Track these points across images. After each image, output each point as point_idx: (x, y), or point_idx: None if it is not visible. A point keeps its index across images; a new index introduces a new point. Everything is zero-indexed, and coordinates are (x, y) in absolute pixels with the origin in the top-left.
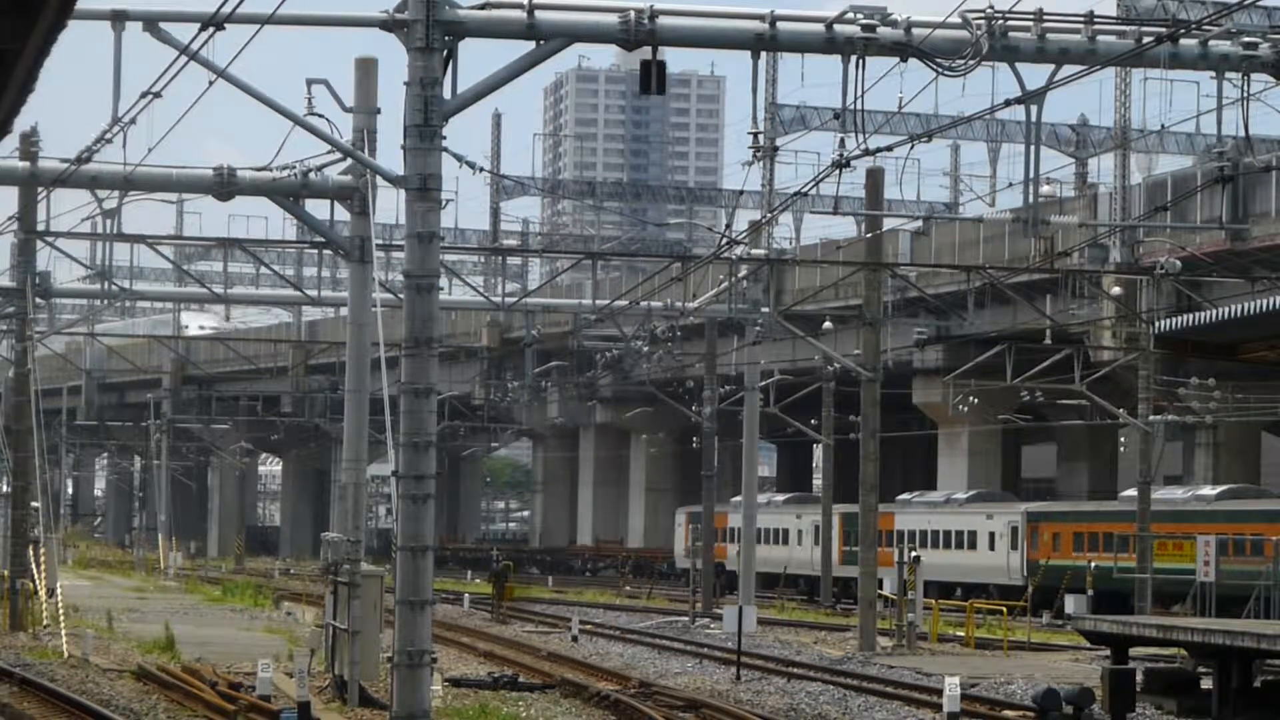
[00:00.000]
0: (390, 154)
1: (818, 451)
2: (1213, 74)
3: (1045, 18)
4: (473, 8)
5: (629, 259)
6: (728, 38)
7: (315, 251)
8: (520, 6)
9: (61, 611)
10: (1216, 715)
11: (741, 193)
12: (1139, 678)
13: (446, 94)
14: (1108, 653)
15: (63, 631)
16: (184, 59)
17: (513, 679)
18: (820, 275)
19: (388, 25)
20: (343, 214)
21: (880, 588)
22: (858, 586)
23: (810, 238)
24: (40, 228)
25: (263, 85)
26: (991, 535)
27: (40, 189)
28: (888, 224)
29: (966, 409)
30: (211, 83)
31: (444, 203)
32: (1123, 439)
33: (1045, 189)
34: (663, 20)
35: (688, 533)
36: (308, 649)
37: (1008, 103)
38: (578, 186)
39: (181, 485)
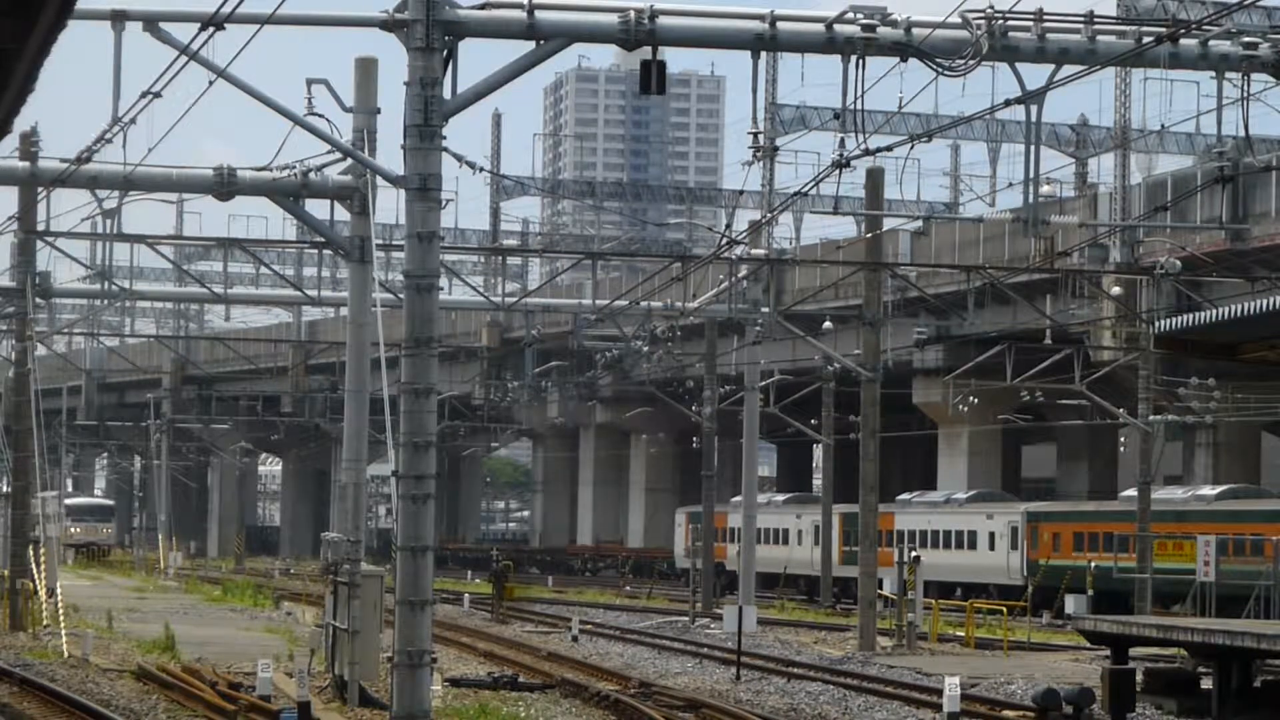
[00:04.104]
0: (390, 154)
1: (818, 451)
2: (1213, 74)
3: (1045, 18)
4: (473, 8)
5: (629, 259)
6: (728, 38)
7: (315, 251)
8: (520, 6)
9: (61, 611)
10: (1216, 715)
11: (741, 193)
12: (1139, 678)
13: (446, 94)
14: (1108, 653)
15: (63, 631)
16: (184, 59)
17: (513, 679)
18: (820, 275)
19: (388, 25)
20: (343, 214)
21: (880, 588)
22: (858, 586)
23: (810, 238)
24: (40, 228)
25: (263, 85)
26: (991, 535)
27: (40, 189)
28: (888, 224)
29: (966, 409)
30: (211, 83)
31: (444, 203)
32: (1123, 439)
33: (1045, 189)
34: (663, 20)
35: (688, 533)
36: (308, 649)
37: (1008, 103)
38: (578, 186)
39: (181, 485)
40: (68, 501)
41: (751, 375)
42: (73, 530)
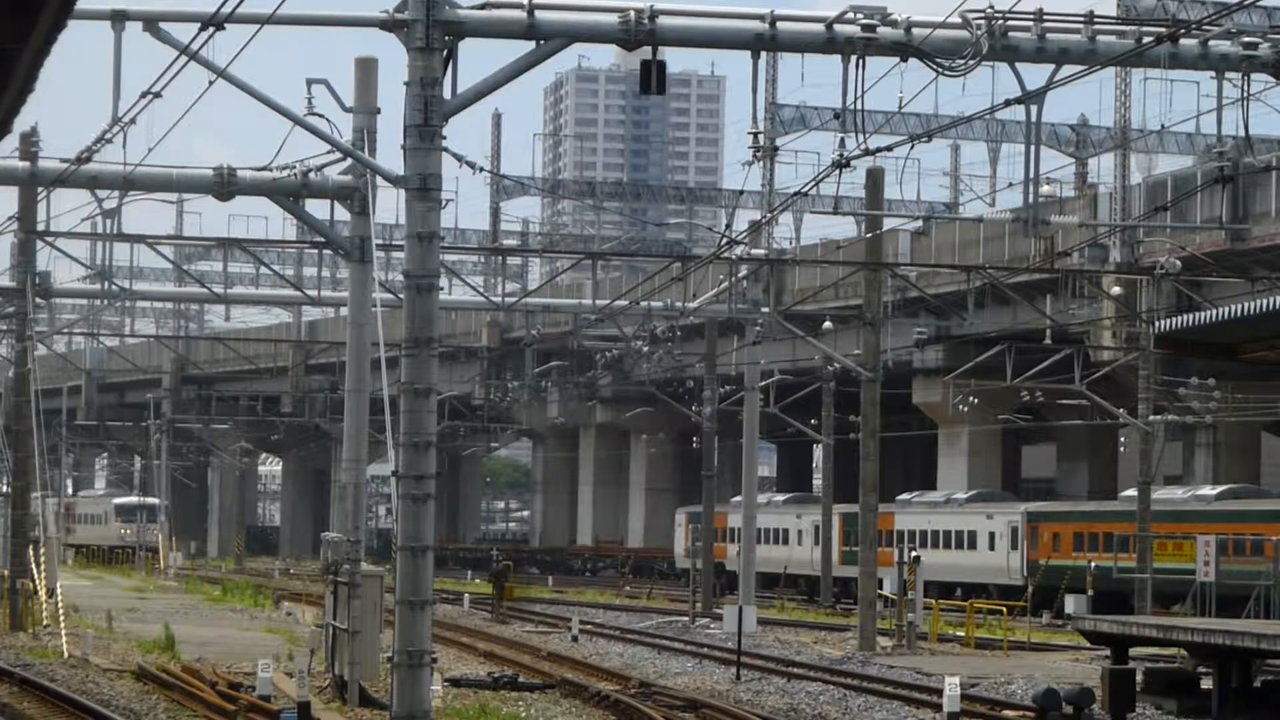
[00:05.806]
0: (390, 154)
1: (818, 451)
2: (1213, 74)
3: (1045, 18)
4: (473, 8)
5: (629, 259)
6: (728, 38)
7: (315, 251)
8: (520, 6)
9: (61, 611)
10: (1216, 715)
11: (741, 193)
12: (1139, 678)
13: (446, 94)
14: (1108, 653)
15: (63, 631)
16: (184, 59)
17: (513, 679)
18: (820, 275)
19: (388, 25)
20: (343, 214)
21: (880, 588)
22: (858, 586)
23: (810, 238)
24: (40, 228)
25: (263, 85)
26: (991, 535)
27: (40, 189)
28: (888, 224)
29: (966, 409)
30: (211, 83)
31: (444, 203)
32: (1123, 439)
33: (1045, 189)
34: (663, 20)
35: (688, 533)
36: (308, 649)
37: (1008, 103)
38: (578, 186)
39: (181, 485)
40: (116, 501)
41: (751, 375)
42: (123, 532)
